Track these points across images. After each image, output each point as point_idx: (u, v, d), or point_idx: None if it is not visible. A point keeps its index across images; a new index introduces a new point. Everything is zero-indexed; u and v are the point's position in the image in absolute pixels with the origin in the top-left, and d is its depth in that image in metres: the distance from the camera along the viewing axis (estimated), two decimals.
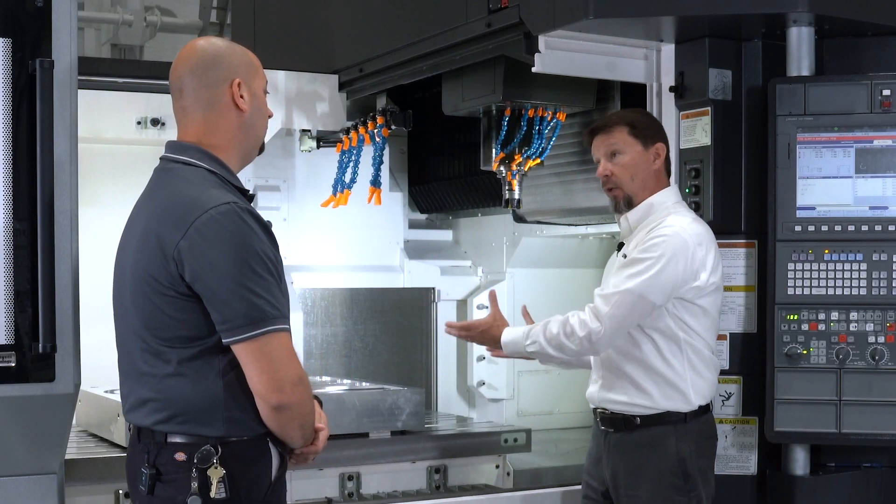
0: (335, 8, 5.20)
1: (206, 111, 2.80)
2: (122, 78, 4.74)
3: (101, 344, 3.33)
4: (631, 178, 3.64)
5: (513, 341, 3.69)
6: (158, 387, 2.68)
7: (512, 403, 5.51)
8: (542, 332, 3.58)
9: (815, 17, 3.69)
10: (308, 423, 2.78)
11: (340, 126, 5.04)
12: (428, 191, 5.63)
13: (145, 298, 2.67)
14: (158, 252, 2.64)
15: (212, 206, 2.62)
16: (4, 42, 2.96)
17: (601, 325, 3.46)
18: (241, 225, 2.62)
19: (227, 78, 2.80)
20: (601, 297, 3.50)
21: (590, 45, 4.01)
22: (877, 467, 3.90)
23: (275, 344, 2.62)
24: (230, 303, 2.59)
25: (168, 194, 2.73)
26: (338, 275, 5.34)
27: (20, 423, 3.05)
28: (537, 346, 3.59)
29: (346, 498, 4.16)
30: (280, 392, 2.64)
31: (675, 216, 3.57)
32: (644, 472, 3.57)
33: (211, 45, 2.86)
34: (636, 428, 3.59)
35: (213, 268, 2.59)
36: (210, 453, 2.64)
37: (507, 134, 4.55)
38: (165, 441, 2.68)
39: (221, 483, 2.64)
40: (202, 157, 2.78)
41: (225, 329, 2.61)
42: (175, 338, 2.65)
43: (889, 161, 3.74)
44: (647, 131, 3.66)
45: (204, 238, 2.59)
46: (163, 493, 2.67)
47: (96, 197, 4.70)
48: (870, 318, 3.71)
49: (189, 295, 2.62)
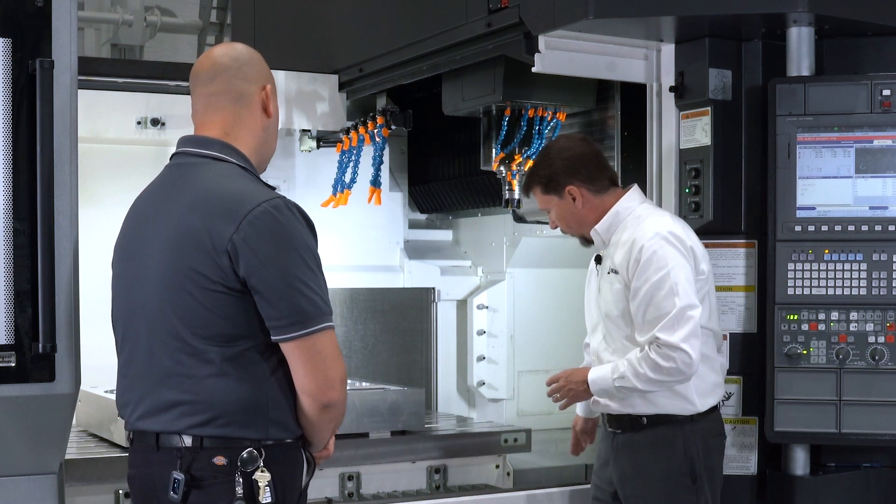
0: (335, 8, 5.20)
1: (237, 104, 2.77)
2: (122, 78, 4.74)
3: (101, 344, 3.32)
4: (568, 226, 3.75)
5: (601, 377, 3.57)
6: (195, 388, 2.58)
7: (512, 403, 5.51)
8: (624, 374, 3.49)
9: (815, 17, 3.69)
10: (340, 424, 2.74)
11: (340, 126, 5.04)
12: (428, 191, 5.63)
13: (185, 295, 2.58)
14: (205, 247, 2.56)
15: (263, 200, 2.58)
16: (4, 42, 2.96)
17: (684, 351, 3.41)
18: (293, 219, 2.60)
19: (260, 80, 2.81)
20: (662, 330, 3.42)
21: (590, 45, 4.01)
22: (877, 467, 3.90)
23: (325, 340, 2.58)
24: (286, 298, 2.53)
25: (204, 189, 2.65)
26: (338, 275, 5.33)
27: (20, 423, 3.04)
28: (625, 381, 3.49)
29: (346, 498, 4.16)
30: (332, 390, 2.60)
31: (650, 219, 3.58)
32: (652, 473, 3.57)
33: (247, 48, 2.87)
34: (643, 428, 3.58)
35: (269, 261, 2.53)
36: (254, 456, 2.56)
37: (507, 134, 4.56)
38: (201, 445, 2.58)
39: (268, 487, 2.56)
40: (230, 152, 2.73)
41: (278, 326, 2.55)
42: (218, 335, 2.57)
43: (889, 161, 3.74)
44: (553, 182, 3.68)
45: (258, 232, 2.54)
46: (198, 499, 2.57)
47: (96, 197, 4.70)
48: (870, 318, 3.71)
49: (239, 291, 2.56)
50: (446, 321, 5.55)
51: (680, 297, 3.43)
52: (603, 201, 3.68)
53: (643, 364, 3.44)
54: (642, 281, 3.48)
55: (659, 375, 3.43)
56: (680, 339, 3.40)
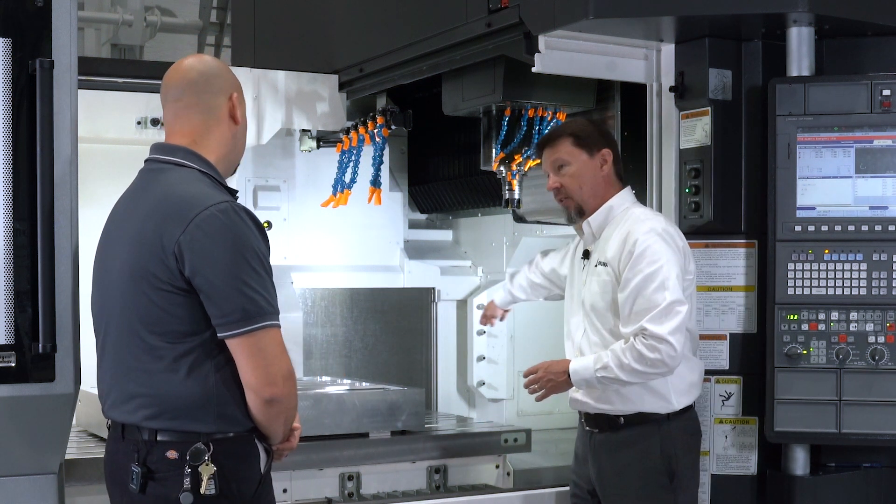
0: (335, 8, 5.20)
1: (206, 115, 2.89)
2: (122, 78, 4.74)
3: None
4: (579, 188, 3.72)
5: (583, 367, 3.59)
6: (149, 382, 2.73)
7: (512, 403, 5.51)
8: (607, 365, 3.50)
9: (815, 17, 3.69)
10: (291, 418, 2.87)
11: (340, 126, 5.04)
12: (428, 191, 5.62)
13: (141, 294, 2.72)
14: (157, 248, 2.69)
15: (211, 204, 2.70)
16: (4, 42, 2.96)
17: (669, 343, 3.43)
18: (239, 222, 2.71)
19: (227, 91, 2.93)
20: (650, 321, 3.45)
21: (590, 45, 4.01)
22: (877, 467, 3.90)
23: (268, 339, 2.70)
24: (229, 297, 2.65)
25: (162, 193, 2.78)
26: (338, 275, 5.34)
27: (20, 423, 3.05)
28: (608, 371, 3.51)
29: (346, 498, 4.16)
30: (273, 385, 2.71)
31: (645, 216, 3.62)
32: (630, 472, 3.60)
33: (212, 60, 3.02)
34: (620, 428, 3.61)
35: (212, 262, 2.66)
36: (202, 450, 2.70)
37: (507, 134, 4.55)
38: (156, 440, 2.72)
39: (212, 480, 2.69)
40: (193, 158, 2.85)
41: (222, 323, 2.68)
42: (170, 332, 2.70)
43: (889, 161, 3.74)
44: (590, 139, 3.73)
45: (204, 233, 2.66)
46: (155, 491, 2.72)
47: (96, 197, 4.65)
48: (870, 318, 3.71)
49: (186, 290, 2.68)
50: (446, 321, 5.55)
51: (670, 292, 3.46)
52: (612, 185, 3.74)
53: (628, 354, 3.46)
54: (634, 273, 3.50)
55: (643, 366, 3.45)
56: (667, 332, 3.43)
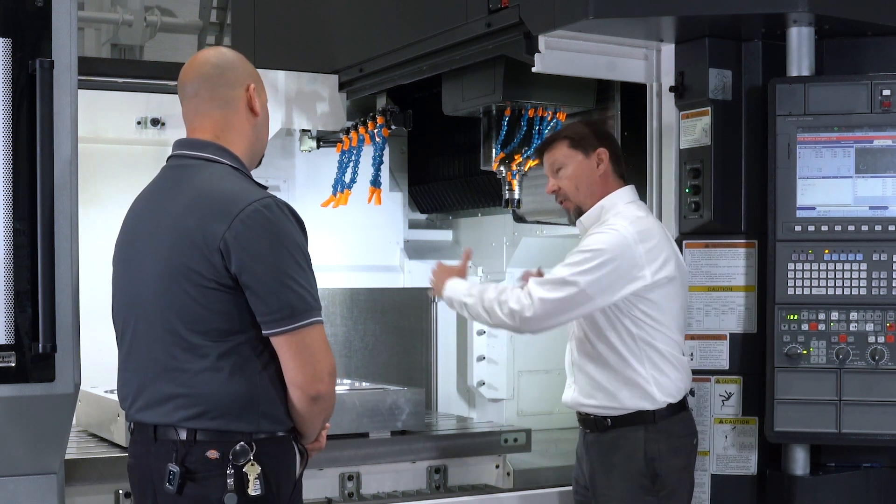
0: (335, 8, 5.20)
1: (224, 109, 2.86)
2: (122, 78, 4.74)
3: (101, 344, 3.33)
4: (576, 188, 3.73)
5: (454, 287, 3.73)
6: (189, 382, 2.68)
7: (512, 403, 5.51)
8: (482, 290, 3.63)
9: (815, 17, 3.69)
10: (329, 416, 2.84)
11: (340, 126, 5.04)
12: (428, 191, 5.63)
13: (181, 292, 2.67)
14: (199, 245, 2.65)
15: (255, 200, 2.67)
16: (4, 42, 2.96)
17: (532, 305, 3.49)
18: (282, 217, 2.68)
19: (243, 82, 2.89)
20: (537, 282, 3.53)
21: (590, 45, 4.01)
22: (877, 467, 3.90)
23: (314, 335, 2.68)
24: (276, 293, 2.63)
25: (199, 189, 2.74)
26: (338, 275, 5.33)
27: (20, 423, 3.05)
28: (473, 300, 3.64)
29: (346, 498, 4.16)
30: (319, 382, 2.69)
31: (619, 216, 3.61)
32: (616, 473, 3.62)
33: (228, 51, 2.97)
34: (608, 429, 3.63)
35: (259, 258, 2.63)
36: (246, 450, 2.66)
37: (507, 134, 4.56)
38: (195, 439, 2.67)
39: (258, 480, 2.65)
40: (223, 153, 2.82)
41: (268, 321, 2.64)
42: (212, 330, 2.66)
43: (889, 161, 3.74)
44: (585, 140, 3.73)
45: (249, 229, 2.63)
46: (193, 492, 2.66)
47: (96, 197, 4.70)
48: (870, 318, 3.71)
49: (231, 287, 2.64)
50: (446, 321, 5.55)
51: (582, 275, 3.46)
52: (611, 184, 3.73)
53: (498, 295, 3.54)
54: (580, 246, 3.55)
55: (498, 310, 3.53)
56: (540, 295, 3.48)
